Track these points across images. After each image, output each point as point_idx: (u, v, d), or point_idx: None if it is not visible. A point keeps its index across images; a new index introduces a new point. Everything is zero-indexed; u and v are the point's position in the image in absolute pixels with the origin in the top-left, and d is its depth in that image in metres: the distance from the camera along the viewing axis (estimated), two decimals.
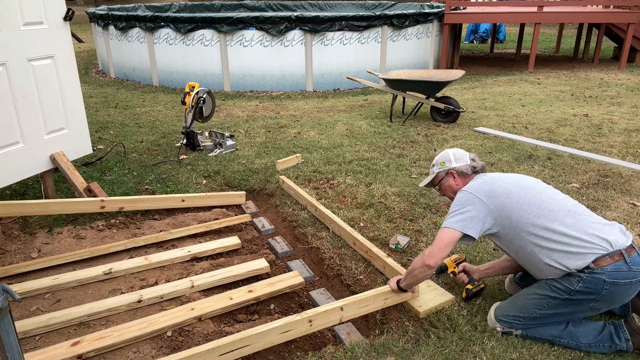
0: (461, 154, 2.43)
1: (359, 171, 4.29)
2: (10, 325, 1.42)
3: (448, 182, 2.43)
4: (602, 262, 1.99)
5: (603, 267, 1.98)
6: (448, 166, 2.42)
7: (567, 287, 2.04)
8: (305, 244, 3.21)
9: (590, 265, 1.99)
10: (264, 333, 2.11)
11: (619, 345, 2.09)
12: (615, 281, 1.98)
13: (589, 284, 2.00)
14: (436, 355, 2.12)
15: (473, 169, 2.39)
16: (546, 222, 2.07)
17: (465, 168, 2.39)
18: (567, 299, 2.06)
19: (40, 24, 3.41)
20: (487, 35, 14.72)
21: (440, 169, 2.45)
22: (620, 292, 2.02)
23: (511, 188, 2.17)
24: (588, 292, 2.02)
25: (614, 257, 1.99)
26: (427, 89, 5.87)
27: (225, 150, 4.88)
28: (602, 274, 1.98)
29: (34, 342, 2.27)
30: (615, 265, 1.98)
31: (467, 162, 2.39)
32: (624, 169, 4.27)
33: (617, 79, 8.66)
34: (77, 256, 2.95)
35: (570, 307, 2.09)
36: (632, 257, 2.00)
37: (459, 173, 2.40)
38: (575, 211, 2.12)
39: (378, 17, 8.36)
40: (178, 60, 8.57)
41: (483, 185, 2.22)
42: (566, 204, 2.14)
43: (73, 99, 3.76)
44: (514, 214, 2.12)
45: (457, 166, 2.40)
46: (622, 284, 1.99)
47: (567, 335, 2.15)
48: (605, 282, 1.98)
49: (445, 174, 2.44)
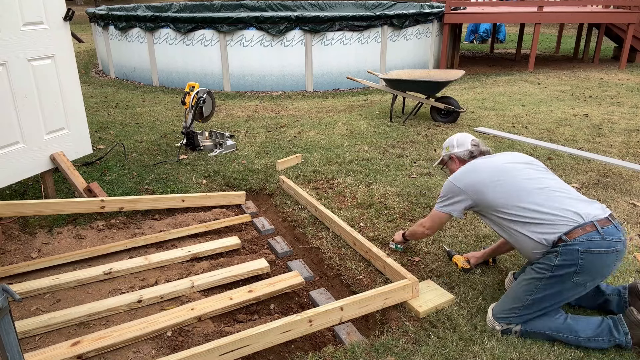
0: (463, 140, 2.66)
1: (359, 171, 4.29)
2: (10, 325, 1.42)
3: (451, 166, 2.71)
4: (574, 233, 2.08)
5: (575, 238, 2.07)
6: (451, 151, 2.69)
7: (547, 265, 2.13)
8: (305, 244, 3.21)
9: (563, 238, 2.09)
10: (264, 333, 2.11)
11: (617, 338, 2.11)
12: (589, 249, 2.05)
13: (566, 255, 2.08)
14: (436, 355, 2.12)
15: (470, 154, 2.62)
16: (517, 201, 2.23)
17: (463, 154, 2.64)
18: (550, 277, 2.13)
19: (40, 24, 3.41)
20: (487, 35, 14.71)
21: (445, 153, 2.73)
22: (598, 262, 2.07)
23: (487, 175, 2.37)
24: (567, 265, 2.08)
25: (585, 229, 2.08)
26: (427, 89, 5.87)
27: (225, 150, 4.88)
28: (575, 244, 2.06)
29: (34, 342, 2.27)
30: (587, 235, 2.07)
31: (466, 148, 2.63)
32: (624, 169, 4.27)
33: (617, 79, 8.66)
34: (77, 256, 2.95)
35: (557, 286, 2.14)
36: (605, 228, 2.08)
37: (459, 159, 2.66)
38: (549, 188, 2.24)
39: (378, 17, 8.36)
40: (178, 60, 8.57)
41: (463, 175, 2.47)
42: (541, 183, 2.27)
43: (73, 99, 3.76)
44: (488, 196, 2.32)
45: (457, 151, 2.66)
46: (597, 253, 2.05)
47: (566, 329, 2.16)
48: (579, 251, 2.05)
49: (448, 158, 2.72)
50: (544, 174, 2.36)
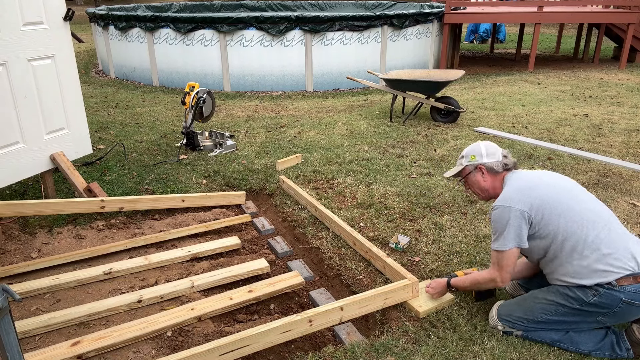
0: (494, 149, 2.31)
1: (359, 171, 4.29)
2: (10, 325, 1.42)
3: (476, 177, 2.33)
4: (624, 281, 1.96)
5: (624, 287, 1.95)
6: (478, 161, 2.30)
7: (580, 298, 2.02)
8: (305, 244, 3.21)
9: (613, 282, 1.96)
10: (264, 333, 2.11)
11: (619, 354, 2.09)
12: (632, 302, 1.96)
13: (605, 299, 1.97)
14: (436, 355, 2.12)
15: (505, 166, 2.27)
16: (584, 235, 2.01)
17: (496, 165, 2.27)
18: (577, 309, 2.05)
19: (40, 24, 3.41)
20: (487, 35, 14.71)
21: (470, 162, 2.32)
22: (633, 312, 2.01)
23: (548, 192, 2.09)
24: (601, 307, 2.00)
25: (637, 279, 1.96)
26: (427, 89, 5.87)
27: (225, 150, 4.88)
28: (621, 293, 1.96)
29: (34, 342, 2.27)
30: (636, 286, 1.95)
31: (498, 159, 2.27)
32: (624, 169, 4.27)
33: (617, 79, 8.66)
34: (77, 256, 2.95)
35: (578, 317, 2.08)
36: None
37: (489, 169, 2.28)
38: (610, 222, 2.06)
39: (378, 17, 8.36)
40: (178, 60, 8.57)
41: (518, 193, 2.12)
42: (603, 215, 2.08)
43: (73, 99, 3.76)
44: (552, 221, 2.05)
45: (487, 162, 2.28)
46: (637, 306, 1.97)
47: (568, 341, 2.14)
48: (622, 300, 1.96)
49: (473, 169, 2.33)
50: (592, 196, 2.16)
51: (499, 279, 2.14)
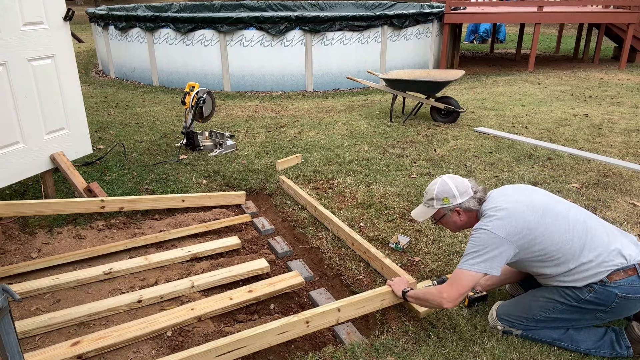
0: (463, 186, 2.22)
1: (359, 171, 4.29)
2: (10, 325, 1.42)
3: (452, 219, 2.27)
4: (615, 276, 1.98)
5: (616, 282, 1.98)
6: (453, 203, 2.21)
7: (577, 295, 2.04)
8: (305, 244, 3.21)
9: (604, 279, 1.99)
10: (261, 334, 2.11)
11: (619, 352, 2.10)
12: (627, 295, 1.98)
13: (600, 295, 2.00)
14: (436, 355, 2.12)
15: (479, 201, 2.21)
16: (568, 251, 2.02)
17: (472, 204, 2.20)
18: (575, 306, 2.07)
19: (40, 24, 3.41)
20: (487, 35, 14.71)
21: (444, 205, 2.23)
22: (630, 306, 2.03)
23: (532, 218, 2.05)
24: (597, 303, 2.02)
25: (627, 272, 1.98)
26: (427, 89, 5.87)
27: (225, 150, 4.88)
28: (614, 288, 1.98)
29: (34, 342, 2.27)
30: (628, 279, 1.98)
31: (471, 194, 2.20)
32: (624, 169, 4.27)
33: (617, 79, 8.66)
34: (77, 256, 2.95)
35: (577, 314, 2.10)
36: None
37: (466, 210, 2.22)
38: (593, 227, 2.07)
39: (378, 17, 8.36)
40: (178, 60, 8.57)
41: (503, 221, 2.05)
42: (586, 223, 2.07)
43: (73, 99, 3.76)
44: (537, 245, 2.04)
45: (462, 202, 2.20)
46: (633, 299, 1.99)
47: (567, 339, 2.15)
48: (617, 295, 1.98)
49: (450, 211, 2.24)
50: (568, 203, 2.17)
51: (449, 300, 2.04)
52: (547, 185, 3.92)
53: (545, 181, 4.00)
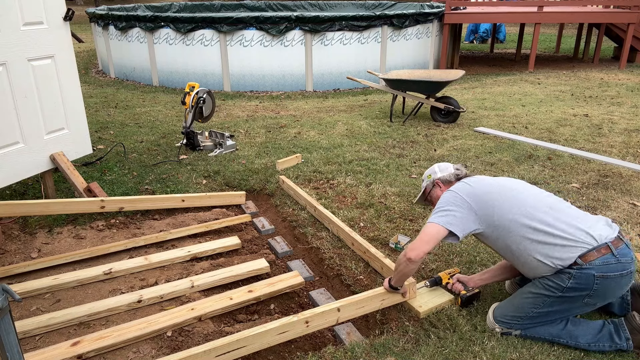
0: (445, 166, 2.55)
1: (359, 171, 4.29)
2: (10, 325, 1.42)
3: (436, 193, 2.51)
4: (589, 256, 2.01)
5: (591, 262, 2.00)
6: (433, 177, 2.53)
7: (559, 285, 2.06)
8: (305, 244, 3.21)
9: (578, 261, 2.01)
10: (261, 334, 2.11)
11: (619, 344, 2.09)
12: (605, 274, 2.00)
13: (580, 279, 2.02)
14: (436, 355, 2.12)
15: (456, 177, 2.47)
16: (527, 220, 2.11)
17: (449, 176, 2.48)
18: (560, 297, 2.08)
19: (40, 24, 3.41)
20: (487, 35, 14.71)
21: (428, 181, 2.55)
22: (612, 286, 2.04)
23: (492, 189, 2.24)
24: (580, 289, 2.04)
25: (600, 251, 2.01)
26: (427, 89, 5.87)
27: (225, 150, 4.88)
28: (591, 269, 2.00)
29: (34, 342, 2.27)
30: (603, 258, 2.00)
31: (450, 172, 2.50)
32: (624, 169, 4.27)
33: (617, 79, 8.66)
34: (77, 256, 2.95)
35: (565, 304, 2.11)
36: (619, 249, 2.02)
37: (444, 182, 2.49)
38: (558, 207, 2.16)
39: (378, 17, 8.36)
40: (178, 60, 8.57)
41: (466, 186, 2.29)
42: (548, 201, 2.19)
43: (73, 99, 3.76)
44: (495, 212, 2.16)
45: (441, 176, 2.50)
46: (613, 277, 2.01)
47: (566, 335, 2.15)
48: (595, 276, 2.00)
49: (432, 186, 2.53)
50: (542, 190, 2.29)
51: (414, 254, 2.15)
52: (547, 186, 3.92)
53: (545, 181, 4.00)
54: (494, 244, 2.25)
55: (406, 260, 2.18)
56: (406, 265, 2.20)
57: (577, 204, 3.56)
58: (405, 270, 2.24)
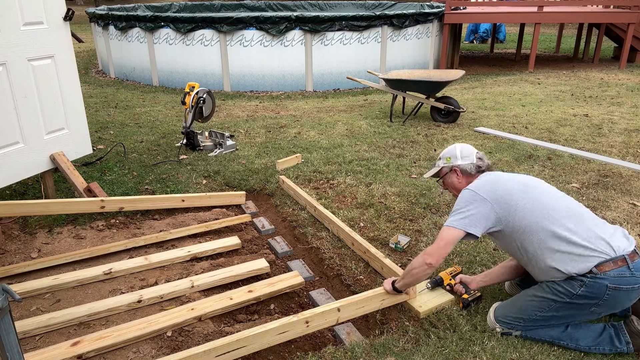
0: (468, 152, 2.39)
1: (359, 171, 4.28)
2: (10, 325, 1.42)
3: (451, 179, 2.41)
4: (605, 267, 1.97)
5: (606, 273, 1.97)
6: (453, 163, 2.39)
7: (568, 291, 2.04)
8: (305, 244, 3.21)
9: (593, 270, 1.98)
10: (261, 334, 2.11)
11: (619, 347, 2.09)
12: (617, 287, 1.97)
13: (592, 288, 1.99)
14: (436, 355, 2.12)
15: (478, 169, 2.34)
16: (549, 224, 2.06)
17: (469, 167, 2.34)
18: (568, 303, 2.06)
19: (40, 24, 3.41)
20: (487, 35, 14.71)
21: (445, 164, 2.42)
22: (622, 298, 2.02)
23: (514, 186, 2.16)
24: (590, 297, 2.01)
25: (617, 263, 1.98)
26: (427, 89, 5.87)
27: (225, 150, 4.88)
28: (604, 279, 1.97)
29: (34, 342, 2.27)
30: (618, 270, 1.97)
31: (472, 161, 2.35)
32: (624, 169, 4.27)
33: (617, 79, 8.66)
34: (77, 256, 2.95)
35: (571, 311, 2.09)
36: (635, 262, 1.99)
37: (462, 171, 2.36)
38: (580, 213, 2.11)
39: (378, 17, 8.36)
40: (178, 60, 8.57)
41: (487, 184, 2.21)
42: (570, 205, 2.14)
43: (73, 99, 3.76)
44: (517, 213, 2.10)
45: (461, 164, 2.36)
46: (625, 290, 1.99)
47: (567, 338, 2.14)
48: (607, 287, 1.97)
49: (449, 170, 2.41)
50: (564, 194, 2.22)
51: (431, 260, 2.13)
52: None
53: (545, 181, 4.00)
54: (508, 244, 2.18)
55: (425, 265, 2.15)
56: (423, 270, 2.17)
57: None
58: (420, 275, 2.21)
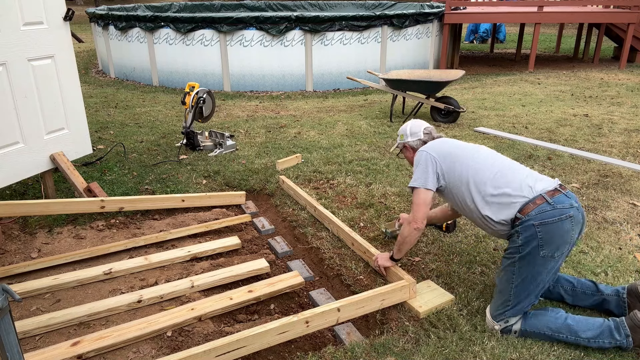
0: (417, 128, 2.73)
1: (359, 171, 4.29)
2: (10, 325, 1.42)
3: (406, 154, 2.81)
4: (526, 209, 2.16)
5: (529, 214, 2.15)
6: (404, 140, 2.76)
7: (514, 247, 2.21)
8: (305, 244, 3.21)
9: (518, 215, 2.18)
10: (261, 334, 2.11)
11: (619, 340, 2.10)
12: (543, 222, 2.12)
13: (525, 232, 2.15)
14: (436, 355, 2.12)
15: (423, 144, 2.68)
16: (482, 178, 2.32)
17: (415, 144, 2.71)
18: (520, 258, 2.18)
19: (40, 24, 3.41)
20: (487, 35, 14.71)
21: (400, 141, 2.79)
22: (555, 230, 2.12)
23: (454, 150, 2.49)
24: (529, 241, 2.15)
25: (535, 202, 2.16)
26: (427, 89, 5.87)
27: (225, 150, 4.88)
28: (529, 220, 2.14)
29: (34, 342, 2.27)
30: (538, 208, 2.14)
31: (419, 137, 2.70)
32: (624, 169, 4.27)
33: (617, 79, 8.66)
34: (77, 256, 2.95)
35: (530, 265, 2.17)
36: (555, 197, 2.16)
37: (411, 147, 2.73)
38: (512, 168, 2.34)
39: (378, 17, 8.36)
40: (178, 60, 8.57)
41: (435, 144, 2.57)
42: (504, 162, 2.39)
43: (73, 99, 3.76)
44: (456, 170, 2.40)
45: (409, 141, 2.73)
46: (551, 222, 2.11)
47: (566, 330, 2.16)
48: (534, 225, 2.13)
49: (402, 147, 2.80)
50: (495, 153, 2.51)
51: (414, 221, 2.42)
52: None
53: None
54: (452, 199, 2.46)
55: (415, 231, 2.44)
56: (415, 234, 2.45)
57: None
58: (414, 239, 2.48)
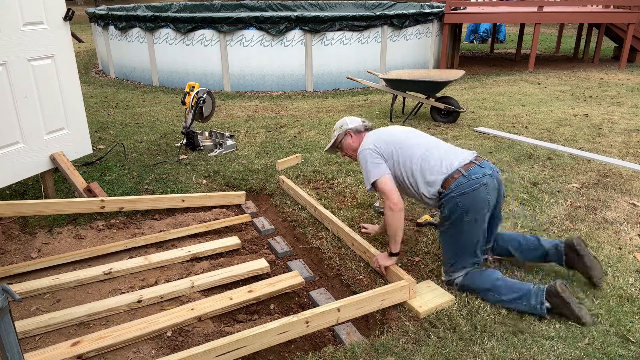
0: (355, 119, 2.96)
1: (359, 171, 4.28)
2: (10, 325, 1.42)
3: (347, 141, 2.91)
4: (446, 184, 2.47)
5: (450, 187, 2.46)
6: (345, 127, 2.91)
7: (444, 217, 2.53)
8: (305, 244, 3.21)
9: (440, 190, 2.49)
10: (261, 334, 2.11)
11: (532, 305, 2.31)
12: (462, 193, 2.43)
13: (449, 204, 2.47)
14: (436, 355, 2.12)
15: (365, 127, 2.92)
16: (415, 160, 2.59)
17: (359, 126, 2.90)
18: (451, 224, 2.50)
19: (40, 24, 3.41)
20: (487, 35, 14.71)
21: (340, 131, 2.92)
22: (473, 199, 2.43)
23: (389, 138, 2.71)
24: (453, 211, 2.46)
25: (453, 177, 2.47)
26: (427, 89, 5.87)
27: (225, 150, 4.88)
28: (450, 193, 2.46)
29: (34, 342, 2.27)
30: (456, 182, 2.45)
31: (359, 123, 2.92)
32: (624, 169, 4.27)
33: (617, 79, 8.66)
34: (77, 256, 2.95)
35: (458, 229, 2.50)
36: (469, 170, 2.47)
37: (354, 131, 2.89)
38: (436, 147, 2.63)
39: (378, 17, 8.36)
40: (178, 60, 8.57)
41: (371, 138, 2.76)
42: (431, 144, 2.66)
43: (73, 99, 3.76)
44: (393, 155, 2.65)
45: (351, 126, 2.90)
46: (470, 192, 2.42)
47: (495, 289, 2.43)
48: (455, 197, 2.44)
49: (344, 135, 2.92)
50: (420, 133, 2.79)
51: (391, 203, 2.55)
52: (547, 185, 3.91)
53: (545, 181, 4.00)
54: (396, 182, 2.66)
55: (397, 212, 2.54)
56: (396, 213, 2.54)
57: (577, 204, 3.56)
58: (399, 222, 2.57)
